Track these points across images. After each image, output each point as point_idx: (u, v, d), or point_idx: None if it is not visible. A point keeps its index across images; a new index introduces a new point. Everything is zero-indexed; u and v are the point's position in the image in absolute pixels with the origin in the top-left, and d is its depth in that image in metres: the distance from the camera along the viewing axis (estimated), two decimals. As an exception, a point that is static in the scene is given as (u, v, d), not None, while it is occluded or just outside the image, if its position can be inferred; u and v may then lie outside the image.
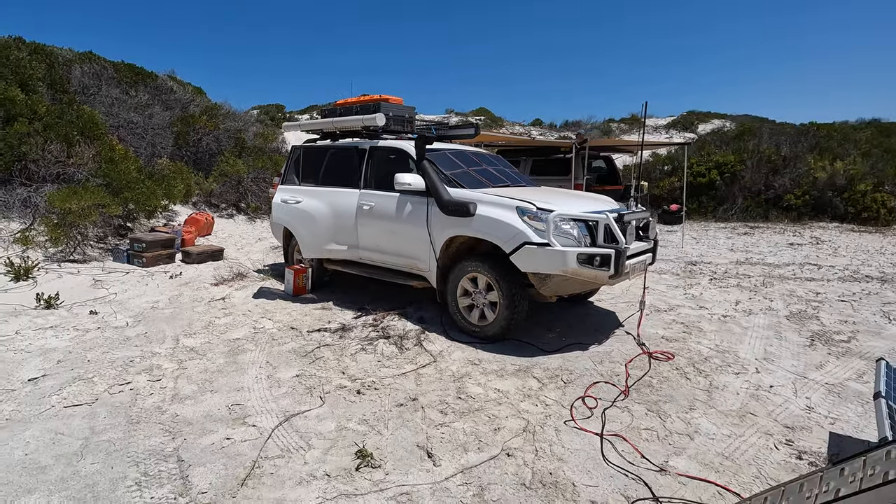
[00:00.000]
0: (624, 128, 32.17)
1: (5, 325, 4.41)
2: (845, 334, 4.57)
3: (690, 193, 13.77)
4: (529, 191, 4.66)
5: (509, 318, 4.05)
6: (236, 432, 2.86)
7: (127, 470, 2.48)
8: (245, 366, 3.81)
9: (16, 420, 2.92)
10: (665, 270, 7.31)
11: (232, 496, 2.31)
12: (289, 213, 5.61)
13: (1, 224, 6.62)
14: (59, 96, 8.72)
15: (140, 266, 6.77)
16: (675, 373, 3.70)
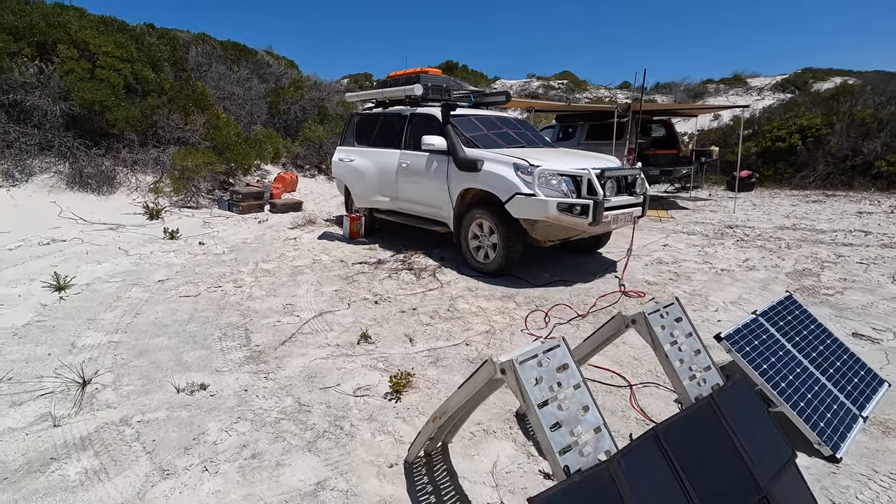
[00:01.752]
0: (722, 88, 29.78)
1: (143, 248, 6.09)
2: (834, 289, 4.82)
3: (767, 159, 13.11)
4: (535, 151, 5.35)
5: (505, 256, 4.89)
6: (285, 318, 4.08)
7: (214, 331, 3.79)
8: (301, 283, 5.07)
9: (151, 302, 4.39)
10: (696, 232, 7.54)
11: (274, 349, 3.51)
12: (344, 169, 6.78)
13: (140, 177, 8.58)
14: (180, 74, 10.63)
15: (237, 213, 8.43)
16: (637, 306, 4.35)
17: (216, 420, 2.61)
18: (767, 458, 1.80)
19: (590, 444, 1.48)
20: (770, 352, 2.75)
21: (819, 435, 2.39)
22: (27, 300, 4.23)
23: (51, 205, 7.23)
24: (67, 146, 8.04)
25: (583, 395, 1.56)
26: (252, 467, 2.25)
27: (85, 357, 3.27)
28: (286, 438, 2.47)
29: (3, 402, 2.73)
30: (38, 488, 2.09)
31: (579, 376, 1.58)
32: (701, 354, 1.96)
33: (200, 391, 2.91)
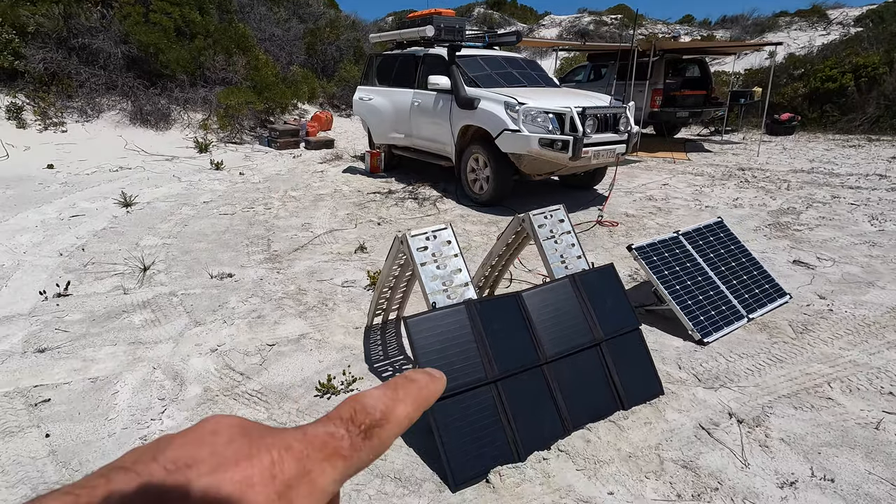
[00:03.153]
0: (796, 22, 27.16)
1: (193, 176, 7.09)
2: (807, 226, 5.09)
3: (814, 100, 12.46)
4: (530, 90, 5.73)
5: (496, 188, 5.46)
6: (301, 233, 4.92)
7: (243, 240, 4.69)
8: (320, 207, 5.88)
9: (196, 217, 5.34)
10: (704, 173, 7.70)
11: (288, 254, 4.36)
12: (364, 107, 7.39)
13: (191, 114, 9.56)
14: (224, 15, 11.31)
15: (275, 148, 9.30)
16: (606, 234, 4.87)
17: (236, 296, 3.50)
18: (611, 324, 2.43)
19: (457, 294, 2.17)
20: (678, 263, 3.27)
21: (695, 325, 2.96)
22: (103, 213, 5.29)
23: (118, 138, 8.34)
24: (129, 86, 9.07)
25: (458, 261, 2.23)
26: (257, 323, 3.12)
27: (145, 252, 4.25)
28: (284, 309, 3.33)
29: (90, 277, 3.74)
30: (115, 326, 3.05)
31: (457, 249, 2.25)
32: (575, 248, 2.56)
33: (228, 278, 3.81)
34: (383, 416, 0.23)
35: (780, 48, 19.26)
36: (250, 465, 0.20)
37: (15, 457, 2.03)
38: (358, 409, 0.23)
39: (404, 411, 0.23)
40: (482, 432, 1.98)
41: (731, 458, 2.03)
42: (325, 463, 0.21)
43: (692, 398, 2.42)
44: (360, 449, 0.22)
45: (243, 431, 0.21)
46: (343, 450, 0.21)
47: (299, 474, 0.20)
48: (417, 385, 0.24)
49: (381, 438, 0.22)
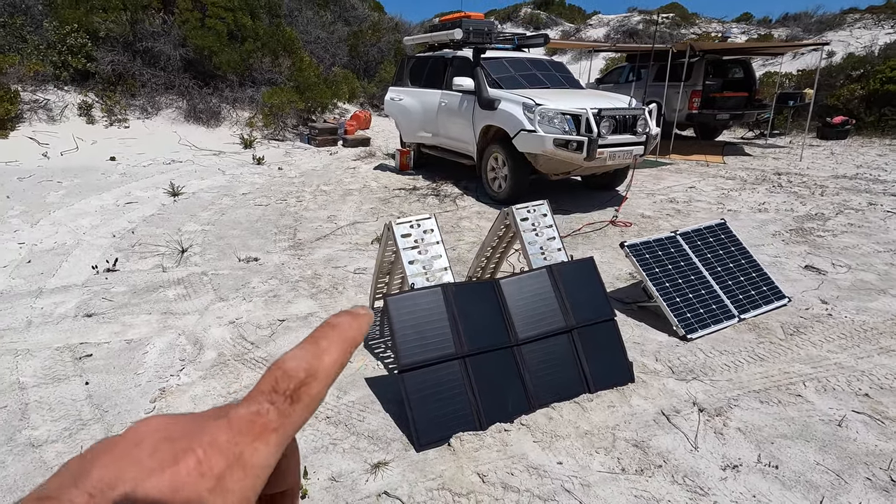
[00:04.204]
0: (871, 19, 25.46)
1: (236, 170, 7.64)
2: (831, 232, 4.96)
3: (872, 103, 11.76)
4: (551, 91, 5.85)
5: (513, 186, 5.62)
6: (325, 224, 5.28)
7: (272, 228, 5.09)
8: (347, 201, 6.24)
9: (234, 207, 5.82)
10: (737, 177, 7.52)
11: (310, 243, 4.72)
12: (394, 107, 7.71)
13: (239, 112, 10.23)
14: (274, 19, 11.97)
15: (314, 145, 9.80)
16: (617, 233, 4.94)
17: (258, 277, 3.86)
18: (585, 313, 2.58)
19: (436, 277, 2.40)
20: (671, 261, 3.35)
21: (680, 322, 3.05)
22: (153, 201, 5.85)
23: (172, 134, 9.07)
24: (185, 86, 9.82)
25: (439, 248, 2.45)
26: (272, 301, 3.46)
27: (185, 237, 4.72)
28: (298, 290, 3.65)
29: (136, 256, 4.22)
30: (152, 298, 3.47)
31: (439, 237, 2.47)
32: (555, 241, 2.72)
33: (253, 262, 4.19)
34: (308, 374, 0.22)
35: (839, 47, 18.23)
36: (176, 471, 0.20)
37: (60, 398, 2.43)
38: (279, 377, 0.22)
39: (330, 360, 0.23)
40: (448, 402, 2.19)
41: (683, 442, 2.15)
42: (255, 442, 0.21)
43: (661, 387, 2.53)
44: (289, 415, 0.22)
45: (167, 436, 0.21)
46: (271, 423, 0.21)
47: (230, 463, 0.20)
48: (340, 329, 0.24)
49: (311, 395, 0.22)
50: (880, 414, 2.33)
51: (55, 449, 2.10)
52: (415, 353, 2.21)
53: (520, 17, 34.31)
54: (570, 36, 30.43)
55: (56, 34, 8.84)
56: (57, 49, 8.82)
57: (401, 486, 1.92)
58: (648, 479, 1.95)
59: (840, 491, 1.89)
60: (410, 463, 2.04)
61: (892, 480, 1.93)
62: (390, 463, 2.04)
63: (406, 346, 2.20)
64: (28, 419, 2.27)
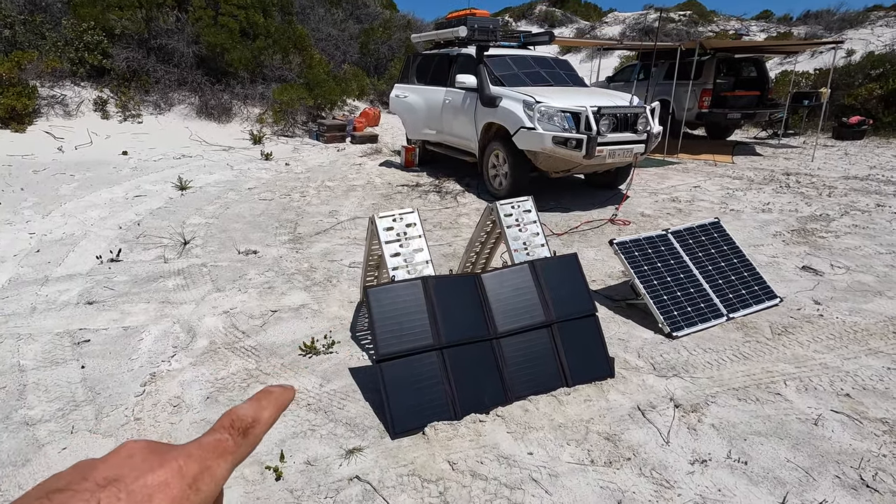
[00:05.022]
0: (891, 16, 24.82)
1: (244, 165, 7.77)
2: (834, 233, 4.89)
3: (891, 103, 11.48)
4: (553, 89, 5.85)
5: (513, 183, 5.64)
6: (326, 219, 5.36)
7: (274, 222, 5.18)
8: (350, 197, 6.32)
9: (238, 201, 5.93)
10: (744, 177, 7.43)
11: (310, 237, 4.80)
12: (400, 104, 7.76)
13: (249, 109, 10.39)
14: (286, 17, 12.12)
15: (322, 142, 9.92)
16: (615, 232, 4.93)
17: (255, 269, 3.96)
18: (566, 308, 2.60)
19: (417, 270, 2.44)
20: (661, 259, 3.35)
21: (666, 319, 3.05)
22: (161, 194, 6.00)
23: (184, 129, 9.26)
24: (197, 82, 10.00)
25: (420, 242, 2.50)
26: (267, 293, 3.55)
27: (189, 229, 4.83)
28: (293, 283, 3.73)
29: (140, 247, 4.34)
30: (151, 288, 3.58)
31: (421, 231, 2.52)
32: (539, 237, 2.75)
33: (252, 255, 4.28)
34: (254, 420, 0.31)
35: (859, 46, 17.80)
36: (164, 471, 0.26)
37: (57, 380, 2.53)
38: (234, 418, 0.31)
39: (268, 414, 0.32)
40: (424, 391, 2.24)
41: (655, 436, 2.17)
42: (218, 459, 0.29)
43: (640, 383, 2.55)
44: (241, 445, 0.30)
45: (152, 450, 0.28)
46: (229, 448, 0.30)
47: (201, 470, 0.28)
48: (274, 395, 0.34)
49: (255, 434, 0.31)
50: (860, 414, 2.32)
51: (48, 428, 2.20)
52: (393, 344, 2.26)
53: (534, 15, 34.13)
54: (586, 33, 30.18)
55: (73, 31, 9.07)
56: (74, 46, 9.06)
57: (372, 472, 1.98)
58: (616, 471, 1.98)
59: (807, 488, 1.90)
60: (384, 450, 2.10)
61: (862, 479, 1.93)
62: (365, 449, 2.10)
63: (384, 337, 2.26)
64: (25, 399, 2.38)
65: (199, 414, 2.29)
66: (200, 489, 0.27)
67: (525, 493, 1.88)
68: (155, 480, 0.26)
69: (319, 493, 1.89)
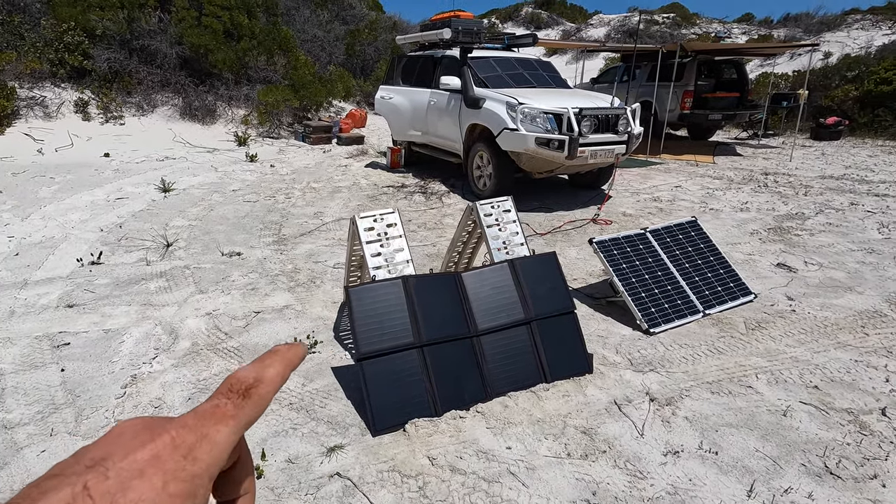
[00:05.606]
0: (870, 20, 25.42)
1: (229, 167, 7.73)
2: (809, 231, 5.02)
3: (866, 104, 11.78)
4: (536, 91, 5.92)
5: (497, 184, 5.70)
6: (311, 220, 5.37)
7: (258, 224, 5.18)
8: (336, 198, 6.32)
9: (223, 203, 5.91)
10: (723, 176, 7.58)
11: (294, 238, 4.80)
12: (385, 106, 7.79)
13: (234, 110, 10.33)
14: (271, 18, 12.07)
15: (308, 143, 9.89)
16: (597, 231, 5.01)
17: (239, 271, 3.95)
18: (546, 306, 2.66)
19: (397, 270, 2.48)
20: (639, 258, 3.43)
21: (644, 316, 3.12)
22: (143, 196, 5.95)
23: (167, 131, 9.18)
24: (181, 84, 9.92)
25: (401, 242, 2.53)
26: (250, 294, 3.55)
27: (172, 231, 4.81)
28: (277, 284, 3.74)
29: (122, 249, 4.31)
30: (133, 290, 3.57)
31: (401, 231, 2.55)
32: (518, 236, 2.80)
33: (236, 256, 4.28)
34: (256, 380, 0.30)
35: (836, 48, 18.21)
36: (154, 445, 0.25)
37: (36, 383, 2.52)
38: (233, 381, 0.30)
39: (273, 372, 0.30)
40: (405, 389, 2.27)
41: (630, 429, 2.23)
42: (217, 425, 0.27)
43: (618, 378, 2.61)
44: (242, 407, 0.29)
45: (145, 426, 0.27)
46: (228, 412, 0.28)
47: (198, 438, 0.26)
48: (280, 353, 0.32)
49: (260, 394, 0.29)
50: (827, 405, 2.40)
51: (26, 431, 2.20)
52: (373, 342, 2.29)
53: (521, 17, 34.36)
54: (571, 35, 30.47)
55: (53, 32, 8.95)
56: (54, 47, 8.93)
57: (353, 468, 2.01)
58: (591, 463, 2.03)
59: (774, 476, 1.97)
60: (365, 447, 2.13)
61: (826, 467, 2.01)
62: (346, 447, 2.12)
63: (365, 336, 2.29)
64: (3, 403, 2.37)
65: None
66: (198, 458, 0.26)
67: (503, 486, 1.92)
68: (145, 455, 0.25)
69: (300, 491, 1.91)
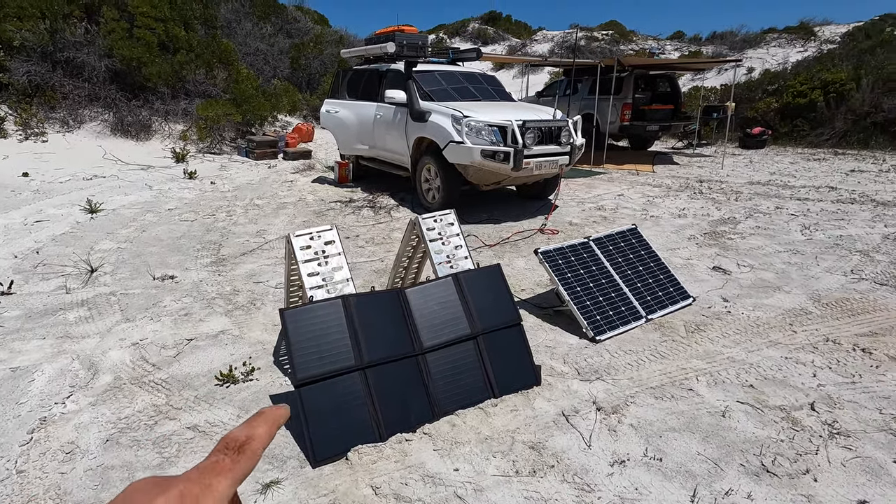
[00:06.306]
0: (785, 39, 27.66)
1: (165, 185, 7.33)
2: (741, 235, 5.29)
3: (785, 115, 12.73)
4: (481, 104, 5.99)
5: (445, 197, 5.68)
6: (253, 239, 5.14)
7: (195, 244, 4.90)
8: (280, 215, 6.10)
9: (157, 223, 5.57)
10: (662, 184, 7.92)
11: (234, 258, 4.57)
12: (331, 120, 7.66)
13: (172, 125, 9.86)
14: (210, 31, 11.68)
15: (252, 159, 9.57)
16: (544, 241, 5.07)
17: (171, 296, 3.70)
18: (491, 319, 2.62)
19: (336, 289, 2.38)
20: (583, 266, 3.47)
21: (590, 324, 3.15)
22: (67, 218, 5.52)
23: (97, 148, 8.62)
24: (111, 98, 9.37)
25: (340, 260, 2.43)
26: (183, 320, 3.32)
27: (97, 255, 4.47)
28: (213, 307, 3.53)
29: (37, 277, 3.95)
30: (49, 322, 3.26)
31: (340, 248, 2.46)
32: (461, 249, 2.77)
33: (169, 280, 4.01)
34: (247, 438, 0.34)
35: (758, 64, 19.65)
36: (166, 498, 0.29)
37: (-76, 435, 2.22)
38: (228, 440, 0.34)
39: (262, 430, 0.35)
40: (347, 414, 2.16)
41: (578, 441, 2.21)
42: (217, 477, 0.31)
43: (565, 389, 2.60)
44: (238, 462, 0.33)
45: (155, 483, 0.31)
46: (226, 466, 0.32)
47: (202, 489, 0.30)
48: (266, 414, 0.36)
49: (252, 450, 0.34)
50: (761, 403, 2.49)
51: None
52: (312, 367, 2.17)
53: (468, 32, 35.03)
54: (517, 50, 31.39)
55: (-37, 43, 8.25)
56: (-36, 59, 8.24)
57: (290, 505, 1.87)
58: (540, 479, 2.00)
59: (715, 478, 2.00)
60: (304, 480, 2.00)
61: (763, 465, 2.06)
62: (283, 482, 1.99)
63: (303, 360, 2.16)
64: None
65: (96, 459, 2.08)
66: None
67: (450, 511, 1.84)
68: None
69: (231, 535, 1.75)
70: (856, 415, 2.40)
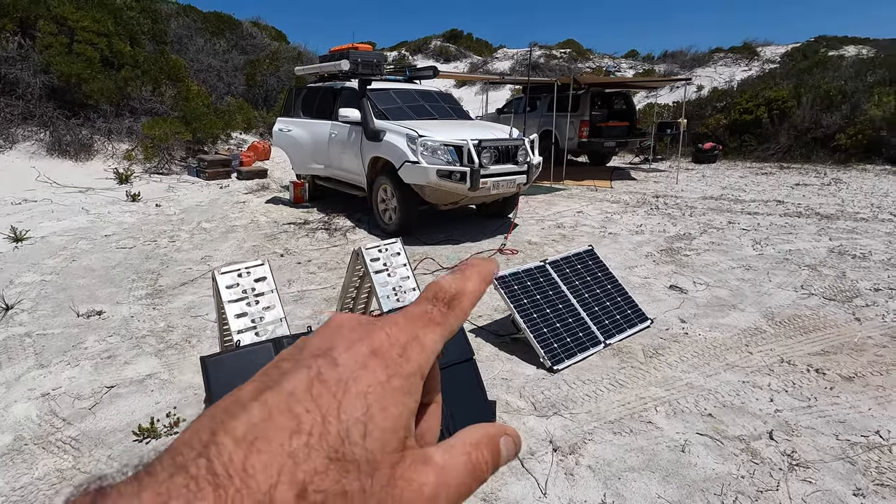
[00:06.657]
0: (731, 58, 29.15)
1: (104, 208, 6.88)
2: (696, 251, 5.34)
3: (734, 131, 13.27)
4: (436, 123, 5.90)
5: (402, 218, 5.52)
6: (196, 266, 4.82)
7: (131, 274, 4.54)
8: (229, 239, 5.79)
9: (90, 252, 5.16)
10: (621, 201, 8.02)
11: (173, 289, 4.25)
12: (283, 138, 7.41)
13: (115, 145, 9.34)
14: (160, 46, 11.24)
15: (203, 179, 9.16)
16: (504, 262, 4.97)
17: (96, 335, 3.37)
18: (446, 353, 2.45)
19: (267, 331, 2.16)
20: (540, 291, 3.37)
21: (547, 353, 3.03)
22: (-14, 248, 5.05)
23: (30, 169, 8.04)
24: (48, 116, 8.81)
25: (272, 298, 2.22)
26: (105, 364, 3.01)
27: (15, 290, 4.06)
28: (142, 347, 3.22)
29: (-59, 319, 3.53)
30: (-54, 372, 2.88)
31: (273, 286, 2.25)
32: (409, 280, 2.60)
33: (95, 316, 3.67)
34: (458, 291, 0.29)
35: (707, 82, 20.53)
36: (372, 340, 0.26)
37: None
38: (437, 290, 0.29)
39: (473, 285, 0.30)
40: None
41: (533, 489, 2.06)
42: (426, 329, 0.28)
43: (521, 427, 2.45)
44: (448, 316, 0.29)
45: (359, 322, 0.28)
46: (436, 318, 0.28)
47: (410, 339, 0.26)
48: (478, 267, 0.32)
49: (462, 307, 0.29)
50: (720, 434, 2.41)
51: None
52: (237, 422, 1.94)
53: (430, 49, 35.35)
54: (479, 68, 31.88)
55: None
56: None
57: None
58: (491, 538, 1.82)
59: (676, 525, 1.88)
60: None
61: (724, 506, 1.96)
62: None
63: (227, 415, 1.93)
64: None
65: (-24, 545, 1.78)
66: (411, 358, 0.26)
67: (390, 584, 1.64)
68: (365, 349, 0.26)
69: None
70: (814, 442, 2.34)
